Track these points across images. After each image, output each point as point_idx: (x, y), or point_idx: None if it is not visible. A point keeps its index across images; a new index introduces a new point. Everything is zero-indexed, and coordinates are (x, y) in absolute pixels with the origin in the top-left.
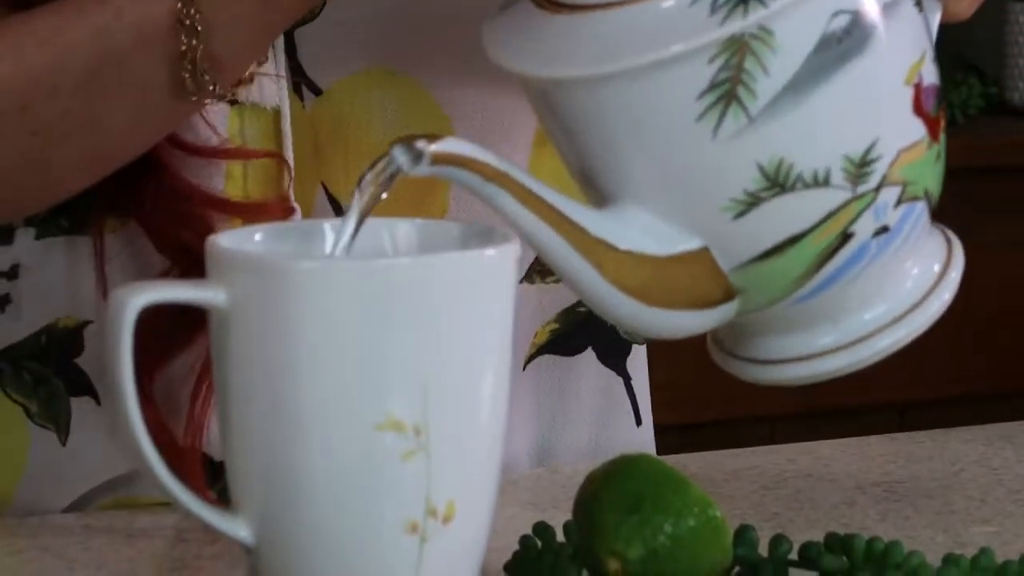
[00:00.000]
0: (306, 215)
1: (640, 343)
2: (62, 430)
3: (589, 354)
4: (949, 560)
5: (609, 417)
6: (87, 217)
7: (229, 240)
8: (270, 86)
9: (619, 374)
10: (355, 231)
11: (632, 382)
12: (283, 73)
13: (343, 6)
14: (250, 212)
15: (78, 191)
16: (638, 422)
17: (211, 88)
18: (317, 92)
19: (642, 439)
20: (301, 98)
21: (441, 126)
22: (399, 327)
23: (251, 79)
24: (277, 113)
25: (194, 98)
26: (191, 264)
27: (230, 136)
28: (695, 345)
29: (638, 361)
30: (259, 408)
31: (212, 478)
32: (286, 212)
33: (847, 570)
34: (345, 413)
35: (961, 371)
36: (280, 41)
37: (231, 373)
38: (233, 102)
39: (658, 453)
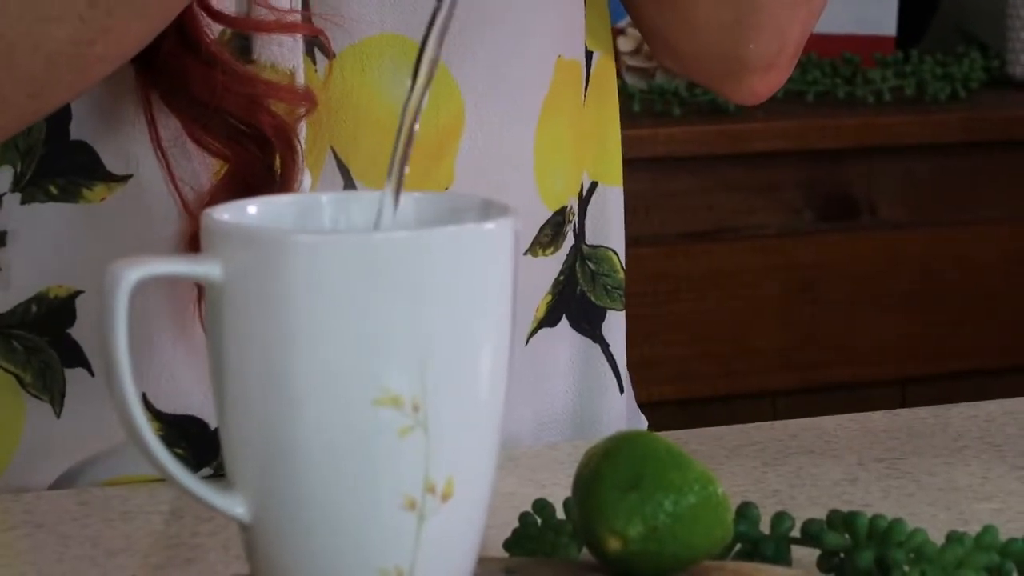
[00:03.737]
0: (315, 177)
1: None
2: (56, 401)
3: (564, 322)
4: (952, 538)
5: (593, 386)
6: (77, 185)
7: (225, 214)
8: (289, 47)
9: (595, 341)
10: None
11: (610, 348)
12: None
13: None
14: (285, 94)
15: (173, 11)
16: (620, 390)
17: None
18: (330, 55)
19: (626, 407)
20: (314, 61)
21: (451, 93)
22: (396, 301)
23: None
24: (292, 75)
25: None
26: (254, 144)
27: None
28: (695, 321)
29: (615, 328)
30: (255, 384)
31: (211, 451)
32: (309, 102)
33: (849, 548)
34: (342, 388)
35: (963, 346)
36: (296, 3)
37: (227, 348)
38: (249, 59)
39: (659, 429)
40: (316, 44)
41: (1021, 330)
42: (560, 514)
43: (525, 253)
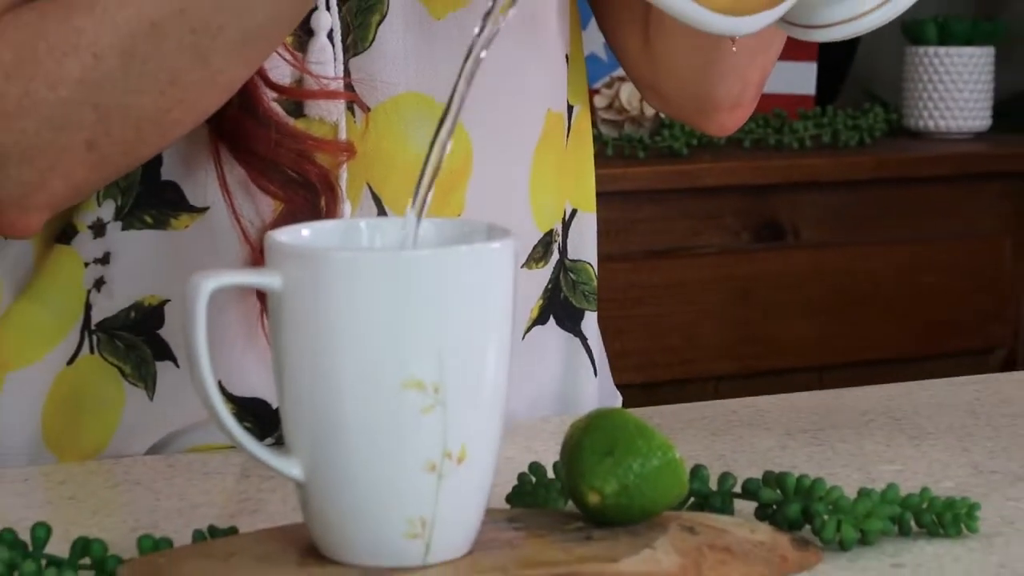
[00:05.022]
0: (354, 206)
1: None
2: (150, 388)
3: (552, 321)
4: (862, 493)
5: (573, 371)
6: (166, 216)
7: (284, 236)
8: (334, 104)
9: (576, 335)
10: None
11: (588, 341)
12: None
13: (387, 42)
14: (329, 147)
15: (237, 84)
16: (595, 374)
17: None
18: (366, 110)
19: (598, 388)
20: (353, 114)
21: (462, 140)
22: (420, 306)
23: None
24: (336, 126)
25: None
26: (303, 190)
27: None
28: (655, 321)
29: (591, 325)
30: (307, 372)
31: (272, 425)
32: (349, 152)
33: (780, 501)
34: (376, 375)
35: (869, 340)
36: (340, 68)
37: (285, 344)
38: (301, 114)
39: (627, 407)
40: (356, 101)
41: (914, 328)
42: (550, 474)
43: (522, 267)
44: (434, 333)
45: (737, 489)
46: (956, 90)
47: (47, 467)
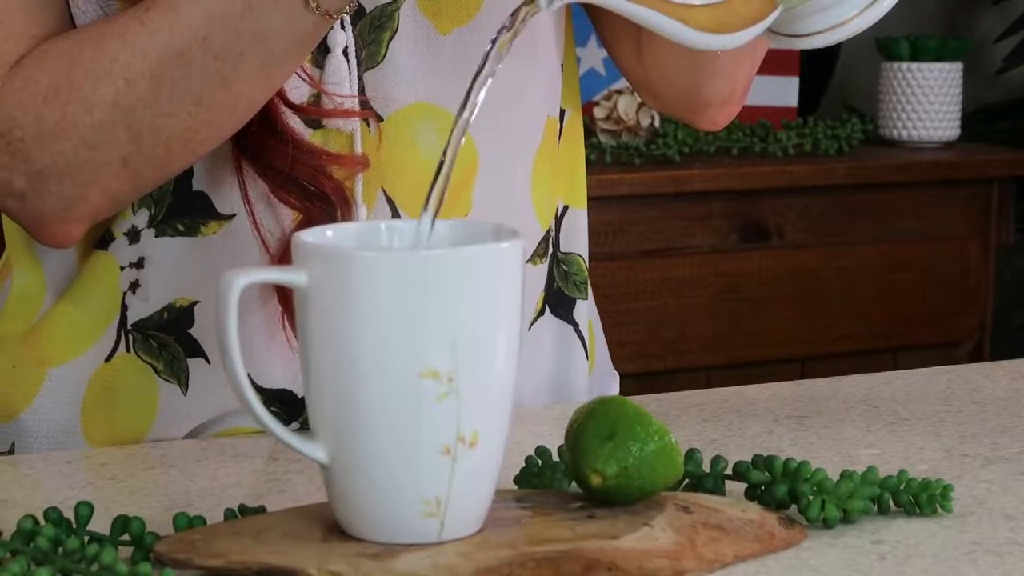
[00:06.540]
0: (370, 209)
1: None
2: (183, 383)
3: (548, 311)
4: (844, 475)
5: (568, 356)
6: (197, 223)
7: (310, 236)
8: (349, 120)
9: (568, 323)
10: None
11: (579, 328)
12: (356, 106)
13: (398, 57)
14: (344, 162)
15: (258, 104)
16: (586, 357)
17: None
18: (379, 121)
19: (596, 370)
20: (368, 124)
21: (469, 146)
22: (435, 301)
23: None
24: (352, 136)
25: (317, 11)
26: (320, 202)
27: None
28: (650, 315)
29: (581, 312)
30: (331, 362)
31: (297, 411)
32: (363, 164)
33: (768, 482)
34: (395, 365)
35: (846, 333)
36: (355, 82)
37: (311, 336)
38: (319, 126)
39: (623, 395)
40: (370, 112)
41: (888, 322)
42: (555, 457)
43: (526, 262)
44: (449, 326)
45: (728, 471)
46: (927, 102)
47: (89, 451)
